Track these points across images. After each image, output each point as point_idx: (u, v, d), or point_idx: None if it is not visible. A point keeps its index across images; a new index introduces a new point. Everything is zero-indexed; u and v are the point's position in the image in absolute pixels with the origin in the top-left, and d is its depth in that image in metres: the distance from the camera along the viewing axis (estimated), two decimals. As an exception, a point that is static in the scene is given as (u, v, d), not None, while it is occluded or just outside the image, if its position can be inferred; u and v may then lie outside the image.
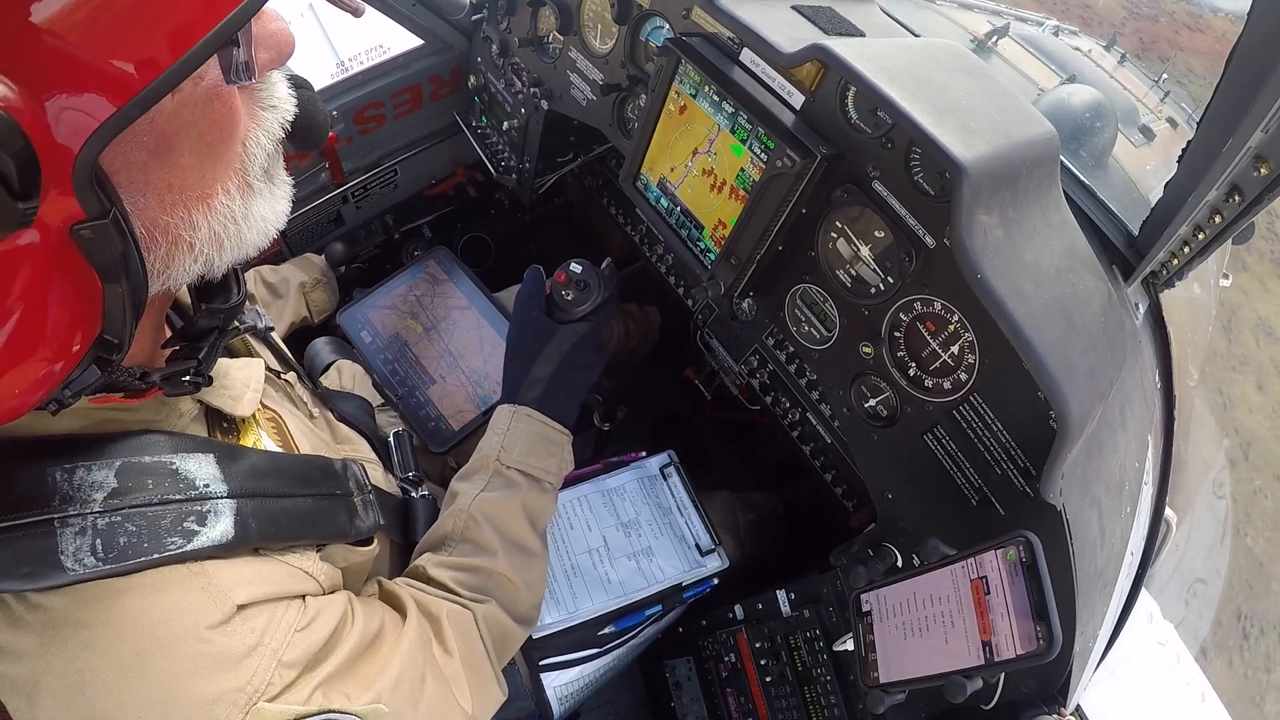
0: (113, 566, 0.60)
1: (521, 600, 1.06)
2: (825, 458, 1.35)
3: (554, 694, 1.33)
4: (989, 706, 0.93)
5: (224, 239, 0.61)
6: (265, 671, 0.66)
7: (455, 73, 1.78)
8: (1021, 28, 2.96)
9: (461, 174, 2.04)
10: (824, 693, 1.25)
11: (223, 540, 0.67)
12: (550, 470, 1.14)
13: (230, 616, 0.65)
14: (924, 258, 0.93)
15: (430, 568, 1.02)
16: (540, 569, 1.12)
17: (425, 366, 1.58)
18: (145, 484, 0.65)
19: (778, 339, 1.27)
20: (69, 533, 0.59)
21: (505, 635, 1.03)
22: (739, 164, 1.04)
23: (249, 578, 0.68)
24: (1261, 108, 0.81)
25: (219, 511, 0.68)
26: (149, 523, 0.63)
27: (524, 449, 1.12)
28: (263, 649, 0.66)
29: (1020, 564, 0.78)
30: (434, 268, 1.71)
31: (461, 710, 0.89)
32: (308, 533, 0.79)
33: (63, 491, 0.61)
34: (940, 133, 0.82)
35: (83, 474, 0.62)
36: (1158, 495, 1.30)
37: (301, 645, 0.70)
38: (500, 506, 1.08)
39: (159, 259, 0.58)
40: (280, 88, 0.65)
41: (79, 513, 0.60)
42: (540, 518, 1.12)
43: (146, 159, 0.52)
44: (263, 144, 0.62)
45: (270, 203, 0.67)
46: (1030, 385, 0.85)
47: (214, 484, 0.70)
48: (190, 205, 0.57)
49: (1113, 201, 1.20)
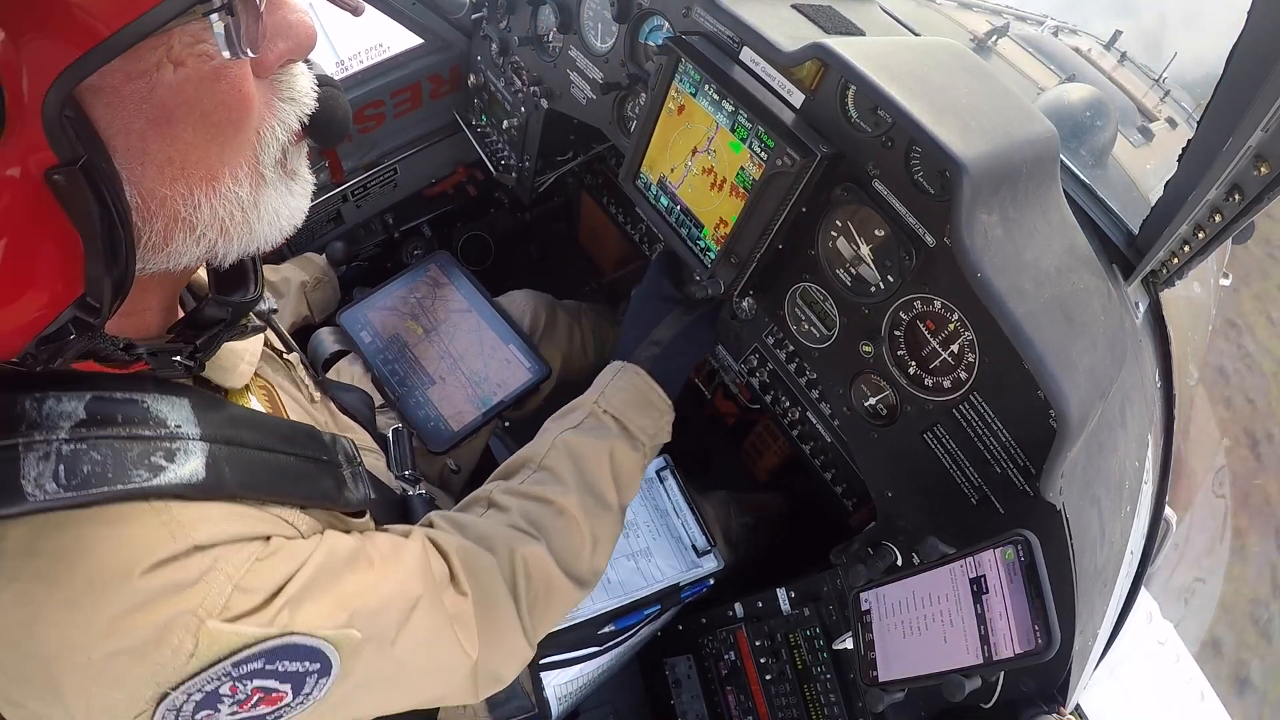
0: (74, 495, 0.58)
1: (583, 554, 1.00)
2: (825, 457, 1.35)
3: (553, 693, 1.33)
4: (988, 705, 0.93)
5: (229, 225, 0.61)
6: (219, 595, 0.63)
7: (455, 71, 1.78)
8: (1021, 27, 2.96)
9: (461, 173, 2.04)
10: (823, 691, 1.25)
11: (192, 479, 0.64)
12: (646, 429, 1.12)
13: (187, 551, 0.63)
14: (924, 256, 0.93)
15: (497, 493, 0.99)
16: (612, 528, 1.06)
17: (425, 367, 1.58)
18: (115, 417, 0.63)
19: (778, 338, 1.27)
20: (33, 457, 0.58)
21: (550, 587, 0.96)
22: (739, 162, 1.04)
23: (216, 519, 0.66)
24: (1261, 107, 0.81)
25: (189, 451, 0.66)
26: (115, 454, 0.61)
27: (625, 400, 1.12)
28: (216, 573, 0.64)
29: (1019, 563, 0.78)
30: (435, 271, 1.71)
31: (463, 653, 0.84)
32: (290, 489, 0.75)
33: (30, 419, 0.59)
34: (940, 131, 0.82)
35: (52, 403, 0.61)
36: (1158, 495, 1.30)
37: (262, 572, 0.67)
38: (586, 445, 1.05)
39: (156, 232, 0.58)
40: (302, 80, 0.65)
41: (44, 439, 0.59)
42: (625, 474, 1.08)
43: (145, 128, 0.52)
44: (278, 135, 0.62)
45: (284, 197, 0.66)
46: (1030, 384, 0.85)
47: (186, 425, 0.67)
48: (193, 183, 0.57)
49: (1113, 201, 1.20)
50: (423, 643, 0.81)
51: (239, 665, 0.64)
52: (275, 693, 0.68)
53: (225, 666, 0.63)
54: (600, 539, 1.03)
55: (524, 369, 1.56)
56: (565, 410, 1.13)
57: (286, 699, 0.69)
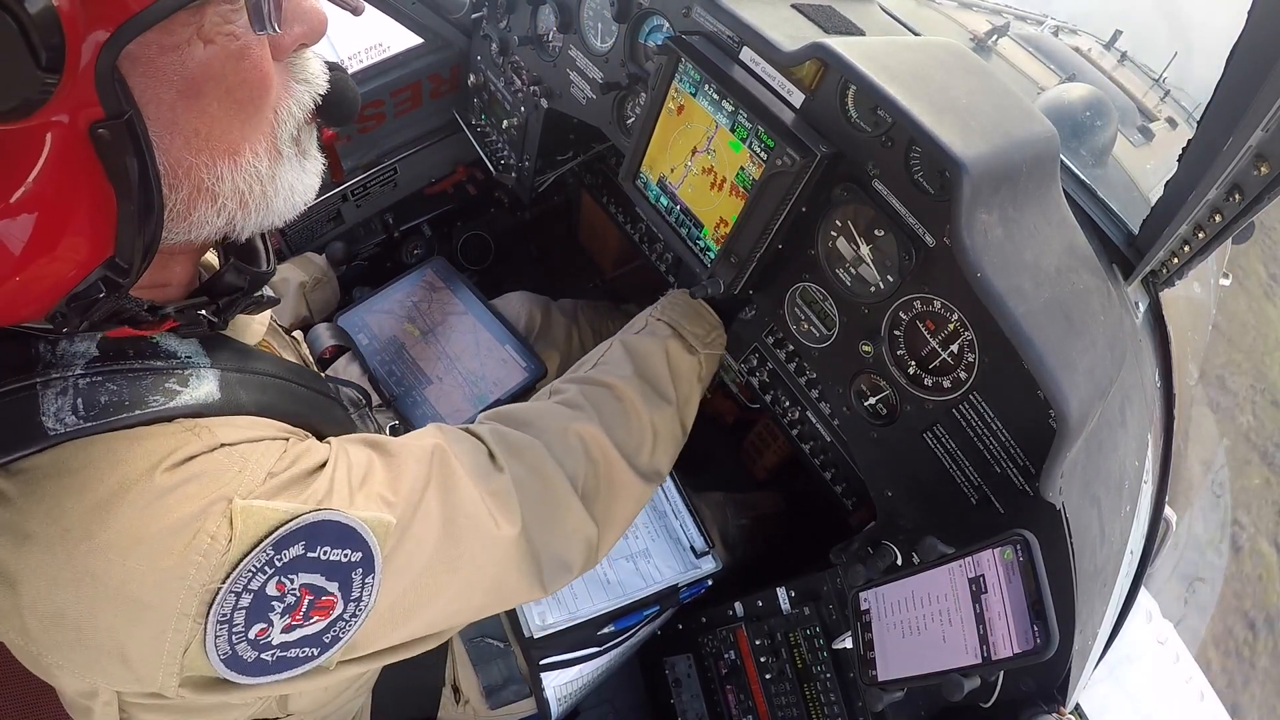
0: (94, 424, 0.60)
1: (644, 443, 1.01)
2: (825, 456, 1.35)
3: (553, 694, 1.33)
4: (988, 705, 0.93)
5: (248, 198, 0.63)
6: (251, 480, 0.65)
7: (455, 71, 1.78)
8: (1021, 27, 2.96)
9: (461, 172, 2.04)
10: (823, 690, 1.25)
11: (209, 399, 0.67)
12: (699, 335, 1.17)
13: (213, 448, 0.65)
14: (924, 256, 0.93)
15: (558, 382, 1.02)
16: (672, 423, 1.08)
17: (422, 368, 1.59)
18: (126, 352, 0.66)
19: (777, 337, 1.27)
20: (50, 393, 0.60)
21: (611, 468, 0.95)
22: (739, 162, 1.04)
23: (242, 425, 0.69)
24: (1261, 107, 0.81)
25: (202, 376, 0.68)
26: (130, 383, 0.64)
27: (679, 312, 1.19)
28: (246, 462, 0.65)
29: (1018, 563, 0.78)
30: (431, 275, 1.74)
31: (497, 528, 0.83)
32: (305, 413, 0.77)
33: (46, 359, 0.62)
34: (940, 131, 0.82)
35: (65, 344, 0.63)
36: (1158, 494, 1.30)
37: (291, 459, 0.69)
38: (643, 343, 1.11)
39: (181, 200, 0.60)
40: (314, 64, 0.68)
41: (60, 375, 0.61)
42: (681, 372, 1.12)
43: (175, 99, 0.54)
44: (294, 113, 0.65)
45: (299, 174, 0.69)
46: (1030, 384, 0.85)
47: (196, 356, 0.70)
48: (217, 155, 0.59)
49: (1113, 200, 1.20)
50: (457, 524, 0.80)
51: (280, 549, 0.64)
52: (325, 595, 0.68)
53: (266, 550, 0.63)
54: (660, 433, 1.05)
55: (519, 368, 1.58)
56: (628, 325, 1.19)
57: (338, 607, 0.69)
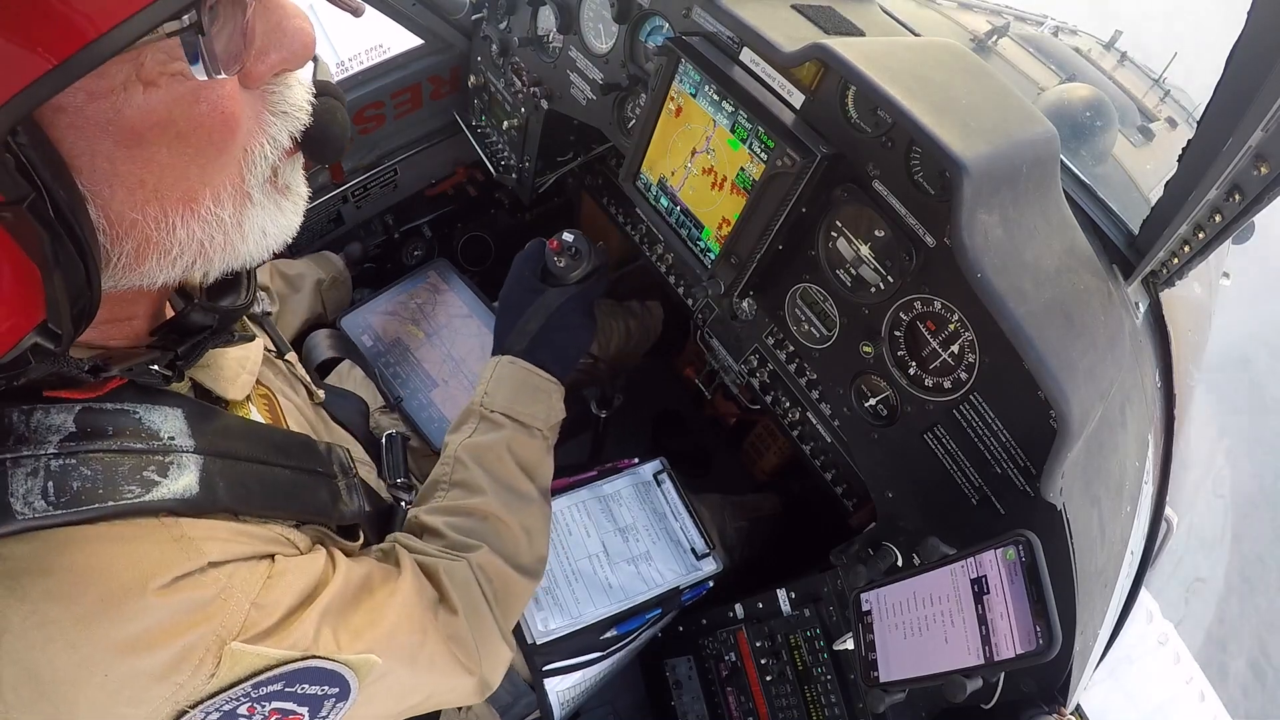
0: (65, 513, 0.56)
1: (521, 547, 1.03)
2: (825, 457, 1.35)
3: (556, 699, 1.33)
4: (989, 706, 0.93)
5: (209, 247, 0.57)
6: (237, 613, 0.62)
7: (455, 72, 1.78)
8: (1021, 27, 2.96)
9: (461, 173, 2.04)
10: (824, 692, 1.25)
11: (186, 495, 0.62)
12: (537, 416, 1.13)
13: (202, 569, 0.61)
14: (924, 257, 0.93)
15: (423, 516, 1.00)
16: (539, 516, 1.09)
17: (428, 370, 1.59)
18: (105, 430, 0.61)
19: (778, 338, 1.27)
20: (20, 474, 0.56)
21: (507, 585, 0.99)
22: (739, 161, 1.04)
23: (224, 536, 0.65)
24: (1261, 107, 0.81)
25: (182, 465, 0.63)
26: (105, 468, 0.59)
27: (509, 395, 1.12)
28: (232, 590, 0.63)
29: (1020, 563, 0.78)
30: (435, 278, 1.74)
31: (465, 671, 0.86)
32: (284, 505, 0.73)
33: (18, 432, 0.57)
34: (941, 131, 0.82)
35: (40, 416, 0.58)
36: (1158, 495, 1.30)
37: (278, 589, 0.66)
38: (485, 448, 1.07)
39: (126, 254, 0.54)
40: (296, 93, 0.60)
41: (32, 454, 0.56)
42: (532, 463, 1.10)
43: (113, 149, 0.48)
44: (266, 152, 0.58)
45: (273, 215, 0.62)
46: (1030, 384, 0.85)
47: (179, 438, 0.65)
48: (168, 205, 0.53)
49: (1113, 201, 1.20)
50: (433, 666, 0.83)
51: (259, 687, 0.64)
52: (292, 714, 0.68)
53: (245, 688, 0.63)
54: (532, 529, 1.06)
55: None
56: (457, 421, 1.14)
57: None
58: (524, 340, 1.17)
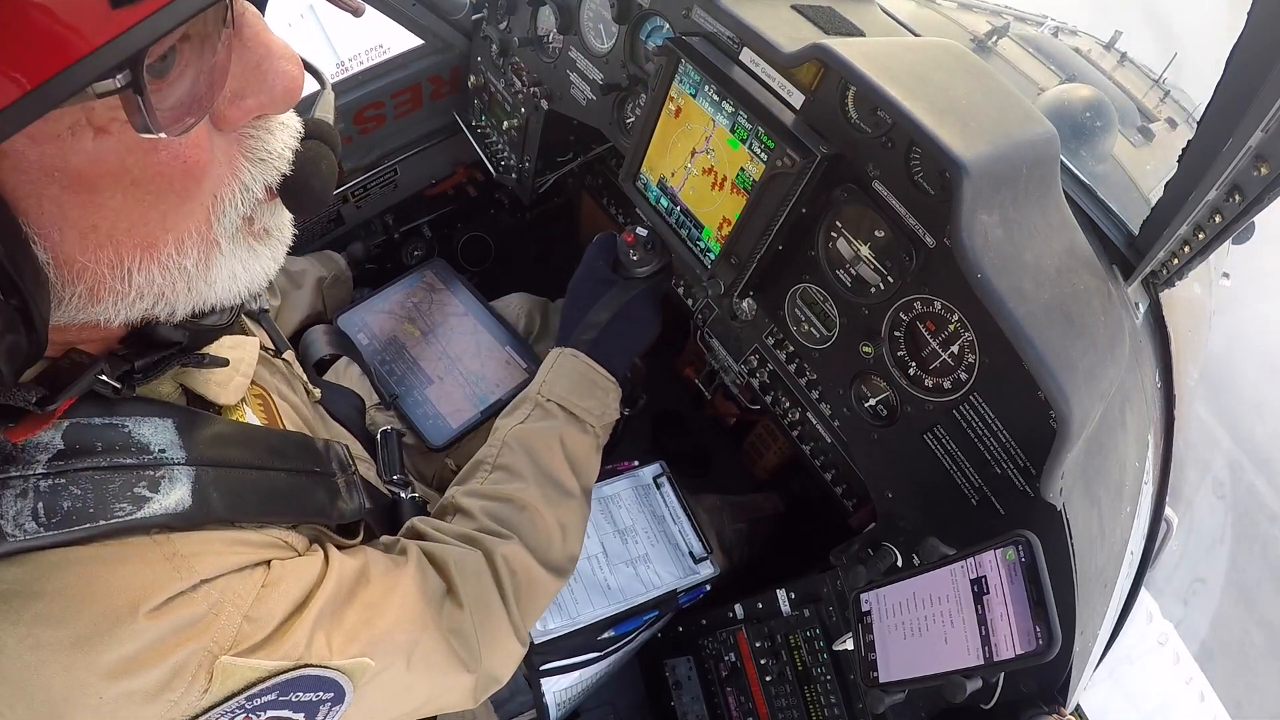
0: (56, 534, 0.55)
1: (554, 543, 1.01)
2: (825, 457, 1.35)
3: (552, 699, 1.34)
4: (989, 706, 0.93)
5: (169, 294, 0.55)
6: (229, 628, 0.62)
7: (455, 72, 1.78)
8: (1021, 28, 2.95)
9: (461, 174, 2.04)
10: (824, 692, 1.25)
11: (178, 509, 0.61)
12: (592, 411, 1.12)
13: (194, 586, 0.61)
14: (924, 257, 0.93)
15: (459, 497, 0.99)
16: (578, 514, 1.07)
17: (424, 368, 1.59)
18: (94, 446, 0.59)
19: (778, 338, 1.27)
20: (9, 495, 0.54)
21: (531, 581, 0.97)
22: (739, 161, 1.04)
23: (217, 550, 0.64)
24: (1261, 107, 0.81)
25: (174, 478, 0.62)
26: (95, 486, 0.58)
27: (567, 386, 1.12)
28: (224, 605, 0.62)
29: (1020, 563, 0.78)
30: (431, 277, 1.74)
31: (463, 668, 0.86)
32: (280, 510, 0.72)
33: (5, 452, 0.56)
34: (941, 132, 0.82)
35: None
36: (1158, 495, 1.30)
37: (270, 600, 0.66)
38: (536, 436, 1.06)
39: (79, 295, 0.51)
40: (278, 139, 0.57)
41: (20, 474, 0.55)
42: (580, 458, 1.09)
43: (60, 194, 0.45)
44: (237, 201, 0.55)
45: (247, 260, 0.59)
46: (1030, 385, 0.85)
47: (170, 449, 0.63)
48: (124, 251, 0.50)
49: (1113, 201, 1.20)
50: (429, 663, 0.82)
51: (253, 699, 0.64)
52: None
53: (240, 700, 0.63)
54: (568, 526, 1.04)
55: (520, 368, 1.58)
56: (512, 406, 1.13)
57: None
58: (591, 333, 1.16)
